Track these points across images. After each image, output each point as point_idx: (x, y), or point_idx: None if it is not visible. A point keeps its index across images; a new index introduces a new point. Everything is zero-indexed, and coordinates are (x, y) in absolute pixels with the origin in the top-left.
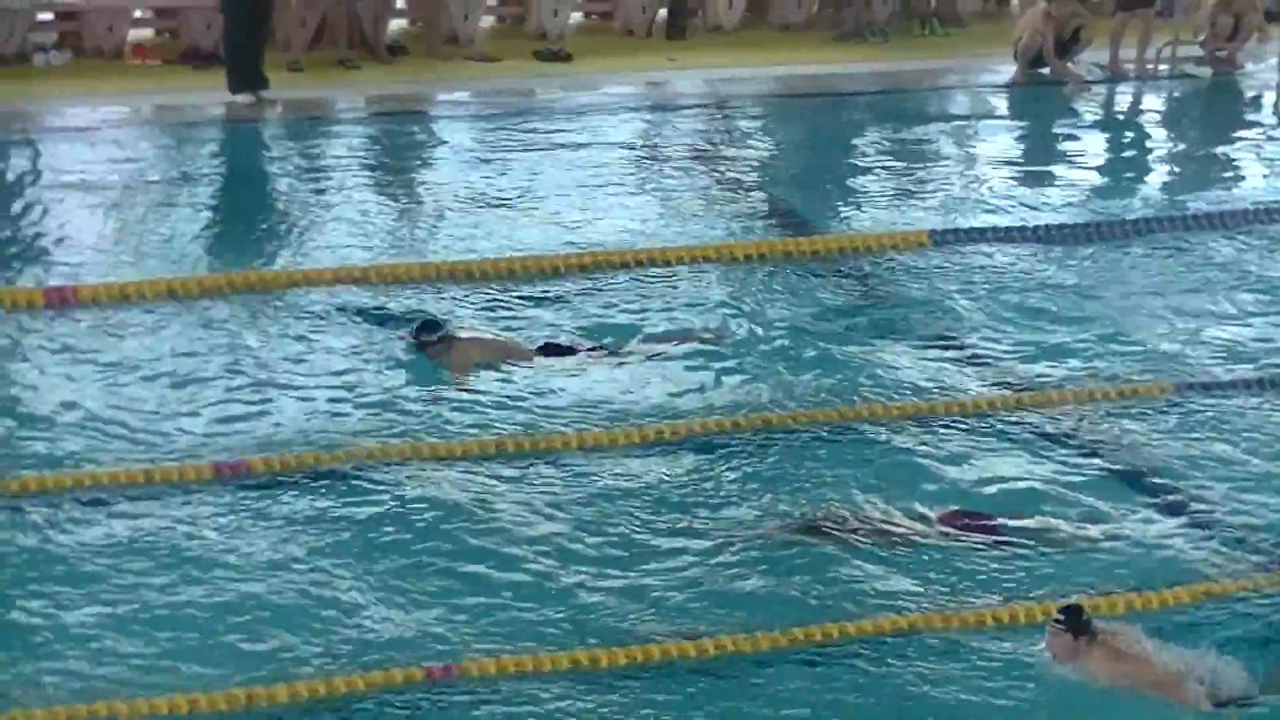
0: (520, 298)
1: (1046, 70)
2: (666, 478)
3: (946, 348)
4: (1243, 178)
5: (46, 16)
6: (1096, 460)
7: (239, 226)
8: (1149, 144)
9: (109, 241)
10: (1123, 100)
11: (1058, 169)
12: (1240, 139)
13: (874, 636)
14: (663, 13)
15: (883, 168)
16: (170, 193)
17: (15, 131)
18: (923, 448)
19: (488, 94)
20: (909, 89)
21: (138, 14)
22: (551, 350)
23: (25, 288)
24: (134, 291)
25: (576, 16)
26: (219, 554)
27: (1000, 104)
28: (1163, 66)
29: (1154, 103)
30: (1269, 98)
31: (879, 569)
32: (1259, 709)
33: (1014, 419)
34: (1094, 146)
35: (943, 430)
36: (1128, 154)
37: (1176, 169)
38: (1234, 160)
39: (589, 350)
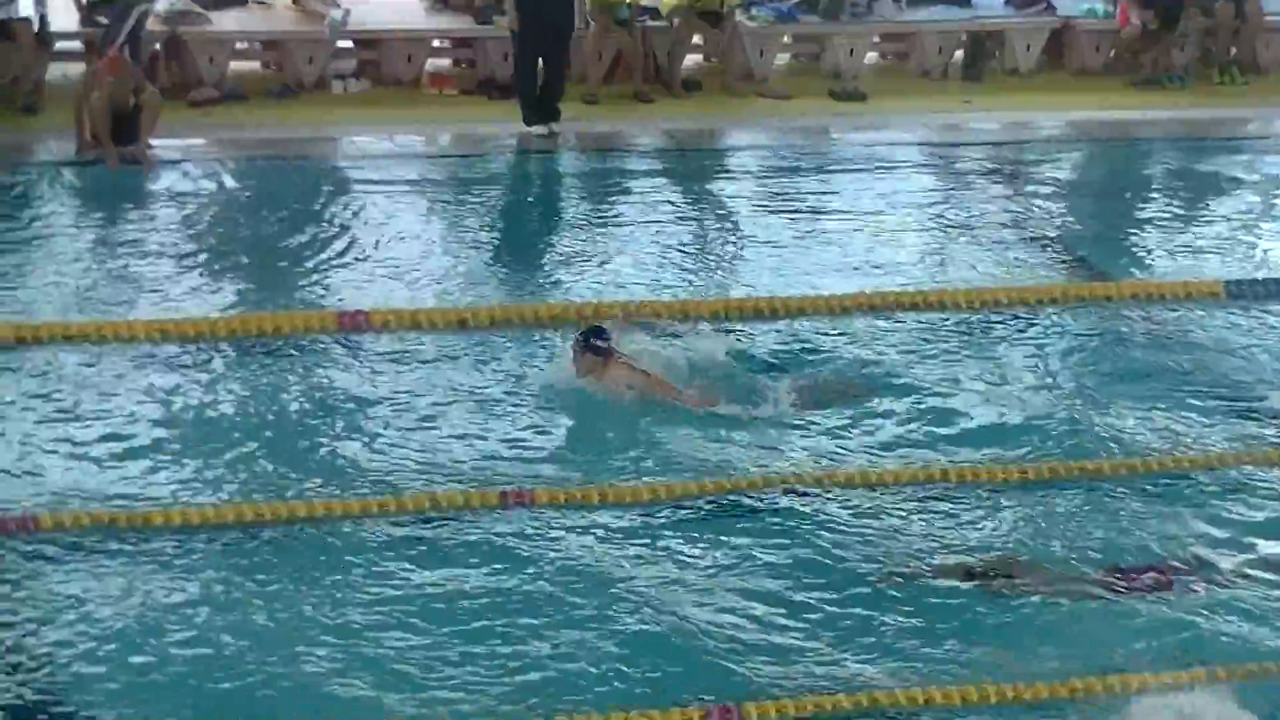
0: (803, 335)
1: None
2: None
3: (1235, 400)
4: None
5: (347, 44)
6: None
7: (527, 257)
8: None
9: (399, 267)
10: None
11: None
12: None
13: None
14: (959, 54)
15: (1177, 215)
16: (459, 221)
17: (314, 157)
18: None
19: (780, 131)
20: (1206, 136)
21: (436, 44)
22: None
23: (318, 311)
24: (424, 319)
25: (872, 56)
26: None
27: None
28: None
29: None
30: None
31: None
32: None
33: None
34: None
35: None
36: None
37: None
38: None
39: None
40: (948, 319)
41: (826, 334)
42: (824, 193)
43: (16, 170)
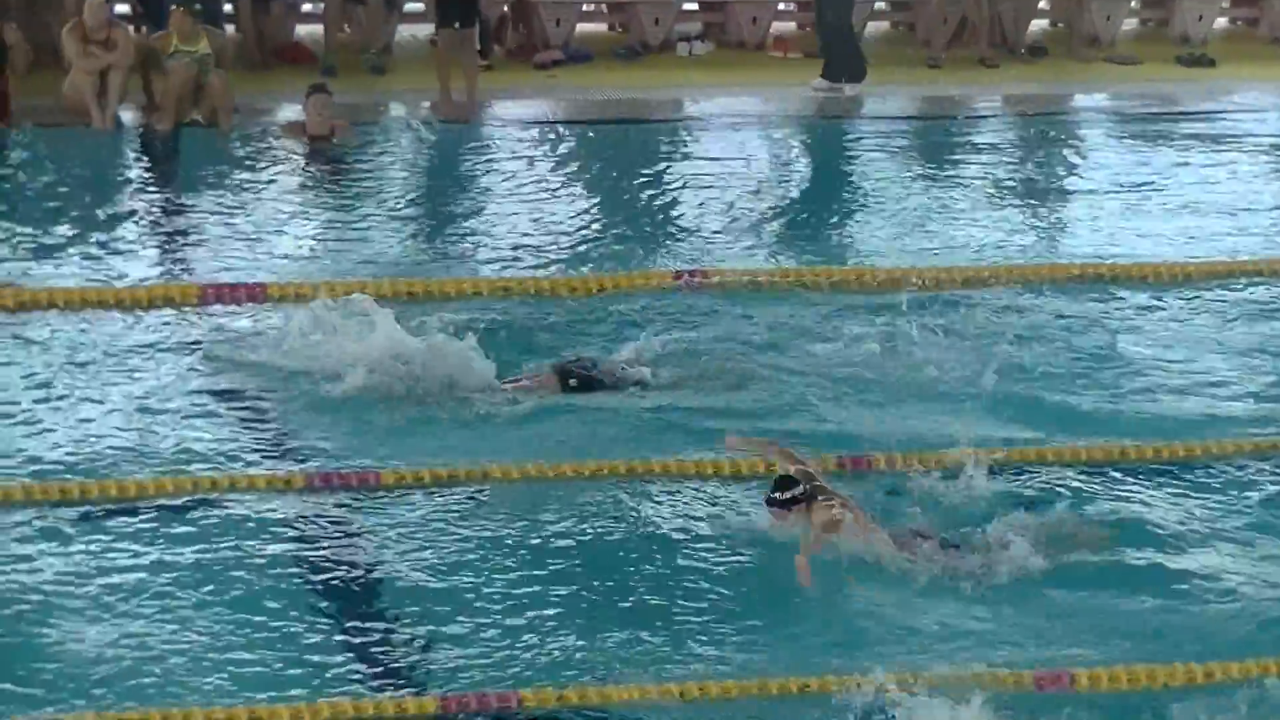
0: (1121, 304)
1: None
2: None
3: None
4: None
5: (692, 6)
6: None
7: (847, 221)
8: None
9: (736, 228)
10: None
11: None
12: None
13: None
14: None
15: None
16: (775, 183)
17: (657, 119)
18: None
19: (1126, 97)
20: None
21: (781, 6)
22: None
23: (658, 269)
24: (765, 280)
25: (1221, 22)
26: None
27: None
28: None
29: None
30: None
31: None
32: None
33: None
34: None
35: None
36: None
37: None
38: None
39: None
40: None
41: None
42: (1171, 162)
43: (366, 129)
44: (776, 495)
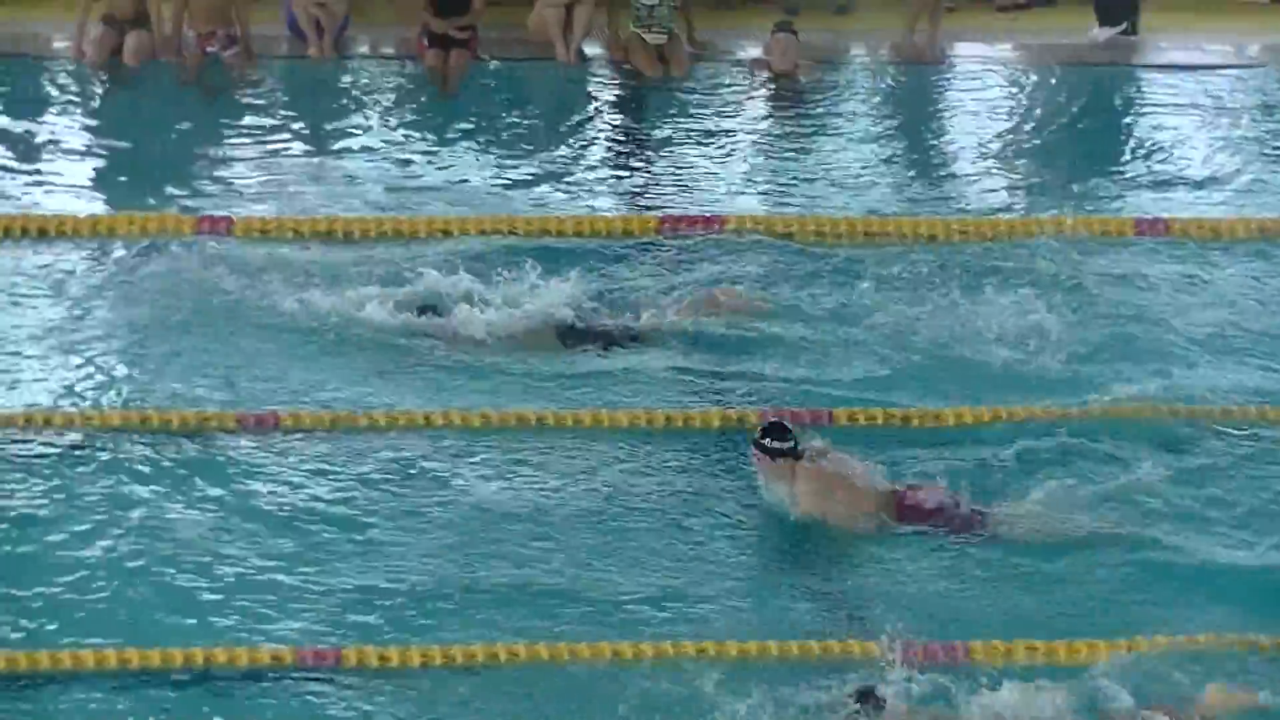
0: None
1: None
2: None
3: None
4: None
5: None
6: None
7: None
8: None
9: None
10: None
11: None
12: None
13: None
14: None
15: None
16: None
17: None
18: None
19: None
20: None
21: None
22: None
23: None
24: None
25: None
26: None
27: None
28: None
29: None
30: None
31: None
32: None
33: None
34: None
35: None
36: None
37: None
38: None
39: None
40: None
41: None
42: None
43: (828, 69)
44: (765, 441)
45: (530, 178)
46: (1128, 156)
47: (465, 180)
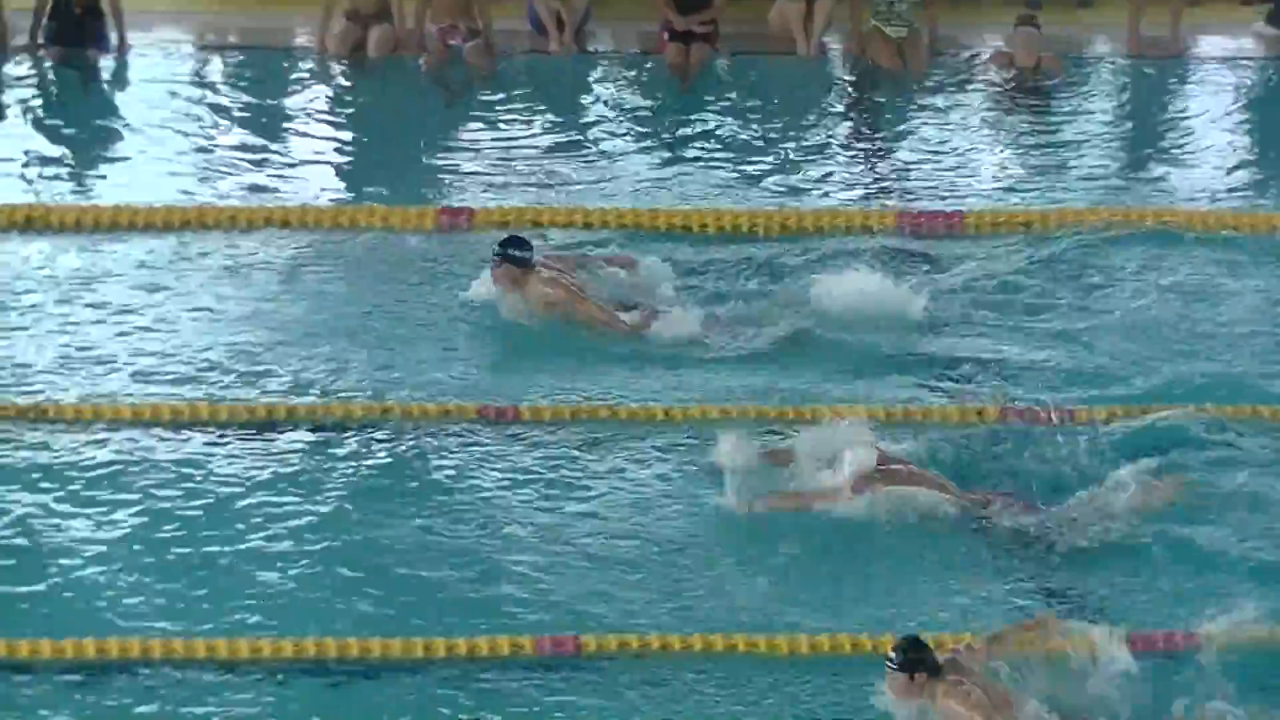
0: None
1: None
2: None
3: None
4: None
5: None
6: None
7: None
8: None
9: None
10: None
11: None
12: None
13: None
14: None
15: None
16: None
17: None
18: None
19: None
20: None
21: None
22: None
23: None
24: None
25: None
26: None
27: None
28: None
29: None
30: None
31: None
32: None
33: None
34: None
35: None
36: None
37: None
38: None
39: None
40: None
41: None
42: None
43: (1070, 62)
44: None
45: (765, 171)
46: None
47: (704, 174)
